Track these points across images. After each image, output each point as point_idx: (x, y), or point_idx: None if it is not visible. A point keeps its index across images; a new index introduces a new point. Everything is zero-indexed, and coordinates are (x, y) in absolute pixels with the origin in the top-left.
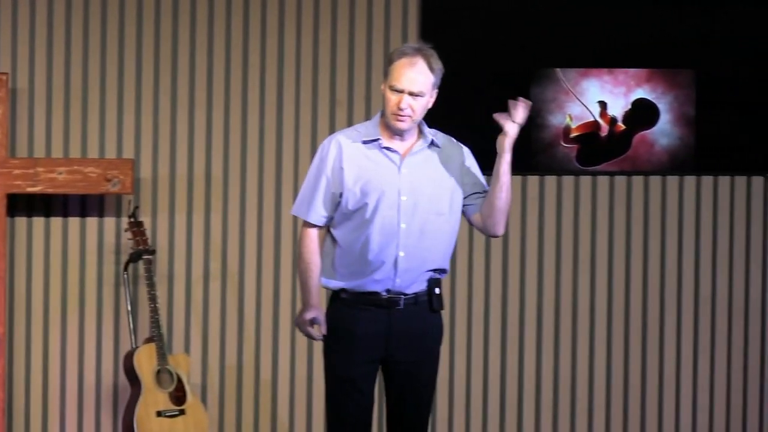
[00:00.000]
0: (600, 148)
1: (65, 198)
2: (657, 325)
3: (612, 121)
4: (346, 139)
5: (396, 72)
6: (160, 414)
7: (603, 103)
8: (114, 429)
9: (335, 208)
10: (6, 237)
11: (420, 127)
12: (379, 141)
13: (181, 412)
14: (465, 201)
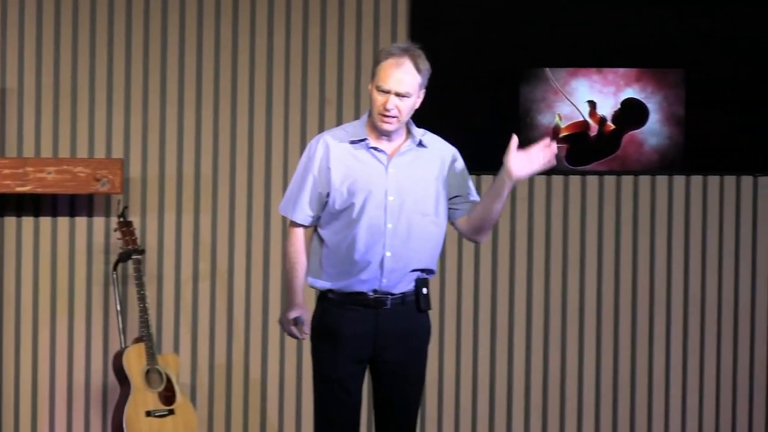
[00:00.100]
0: (589, 147)
1: (54, 198)
2: (646, 325)
3: (601, 121)
4: (333, 139)
5: (382, 72)
6: (149, 414)
7: (592, 103)
8: (103, 429)
9: (322, 208)
10: None
11: (408, 127)
12: (367, 141)
13: (171, 411)
14: (450, 203)
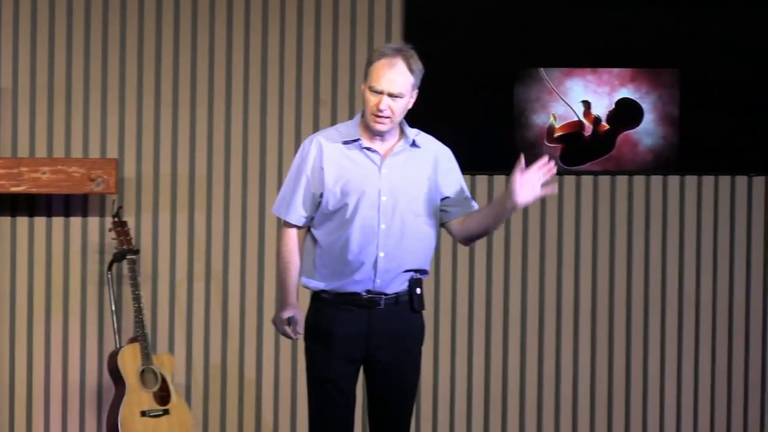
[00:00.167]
0: (584, 147)
1: (49, 198)
2: (641, 325)
3: (596, 121)
4: (326, 140)
5: (375, 73)
6: (144, 414)
7: (587, 103)
8: (98, 429)
9: (315, 208)
10: None
11: (401, 127)
12: (360, 141)
13: (166, 412)
14: (442, 204)
